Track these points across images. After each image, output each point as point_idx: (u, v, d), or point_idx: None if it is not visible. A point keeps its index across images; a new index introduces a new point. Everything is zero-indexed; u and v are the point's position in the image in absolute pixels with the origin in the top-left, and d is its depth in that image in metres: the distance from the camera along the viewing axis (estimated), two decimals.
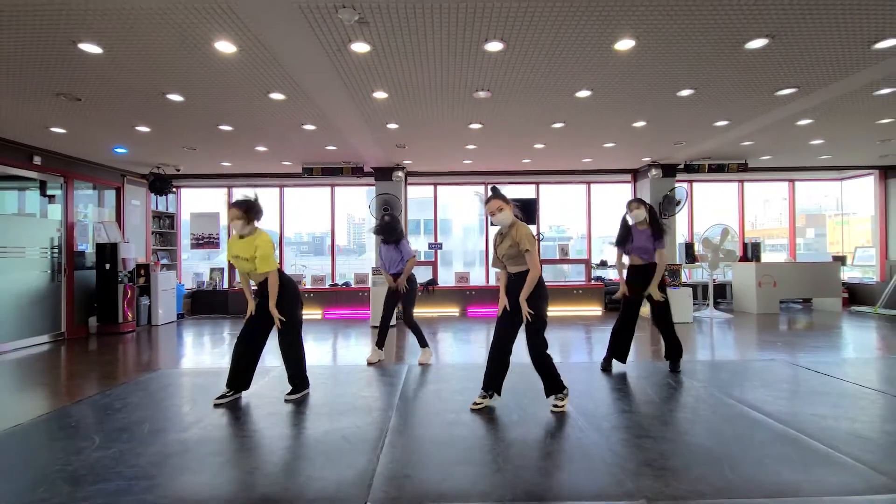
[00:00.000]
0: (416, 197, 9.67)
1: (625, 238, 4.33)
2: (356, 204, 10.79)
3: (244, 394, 3.72)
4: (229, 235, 3.61)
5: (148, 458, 2.65)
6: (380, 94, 4.44)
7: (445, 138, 6.14)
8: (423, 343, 4.84)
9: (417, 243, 9.66)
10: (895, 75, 4.14)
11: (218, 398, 3.58)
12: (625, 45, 3.46)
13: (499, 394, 3.44)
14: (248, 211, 3.52)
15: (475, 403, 3.38)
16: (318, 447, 2.79)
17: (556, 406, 3.26)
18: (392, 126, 5.52)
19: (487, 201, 3.31)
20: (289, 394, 3.65)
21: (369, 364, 4.82)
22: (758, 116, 5.27)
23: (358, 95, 4.46)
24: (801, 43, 3.49)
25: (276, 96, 4.42)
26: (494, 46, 3.45)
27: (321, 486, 2.32)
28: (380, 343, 4.89)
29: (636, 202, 4.33)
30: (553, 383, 3.29)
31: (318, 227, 9.95)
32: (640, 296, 4.35)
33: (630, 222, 4.37)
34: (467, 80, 4.12)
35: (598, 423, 3.12)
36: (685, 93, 4.48)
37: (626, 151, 7.11)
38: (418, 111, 4.98)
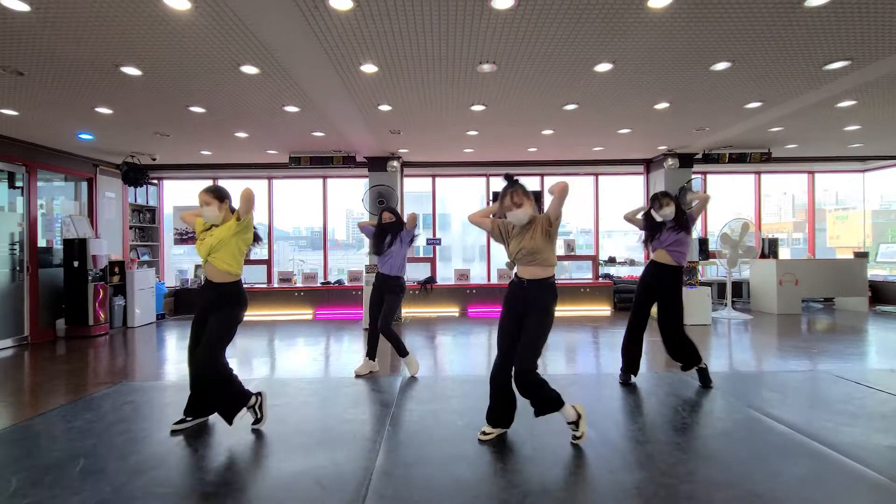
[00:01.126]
0: (413, 191, 9.07)
1: (654, 235, 3.78)
2: (355, 198, 10.22)
3: (211, 417, 3.16)
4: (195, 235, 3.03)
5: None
6: (368, 68, 3.84)
7: (444, 123, 5.54)
8: (402, 352, 4.28)
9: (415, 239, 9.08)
10: None
11: (175, 424, 3.02)
12: (660, 1, 2.87)
13: (508, 426, 2.87)
14: (219, 192, 3.04)
15: (483, 433, 2.81)
16: (285, 495, 2.23)
17: (575, 437, 2.70)
18: (384, 108, 4.92)
19: (508, 194, 2.69)
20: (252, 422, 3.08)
21: (357, 376, 4.26)
22: (796, 97, 4.69)
23: (343, 68, 3.86)
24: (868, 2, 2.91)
25: (249, 69, 3.82)
26: (503, 3, 2.86)
27: None
28: (370, 353, 4.34)
29: (666, 197, 3.79)
30: (552, 401, 2.64)
31: (317, 222, 9.39)
32: (651, 301, 3.85)
33: (657, 219, 3.81)
34: (470, 48, 3.52)
35: (625, 458, 2.56)
36: (720, 66, 3.88)
37: (641, 139, 6.52)
38: (413, 89, 4.38)
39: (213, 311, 2.93)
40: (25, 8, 2.83)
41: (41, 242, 6.45)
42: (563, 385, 3.11)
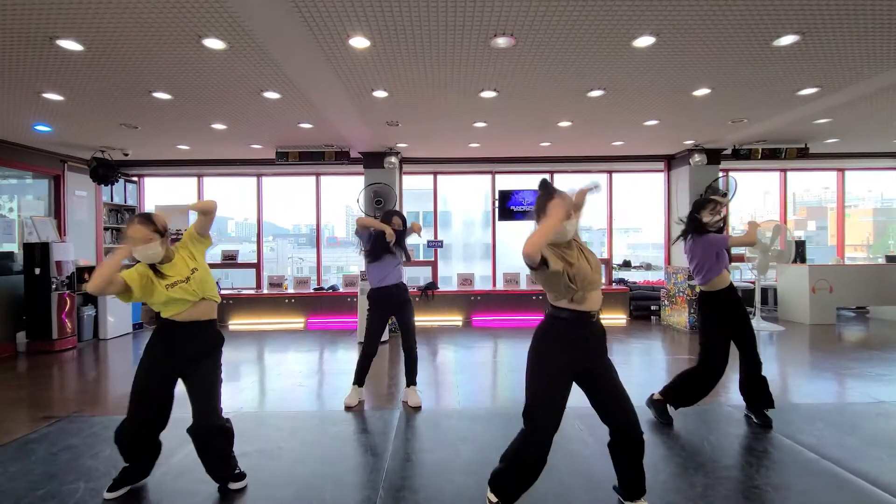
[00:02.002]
0: (412, 188, 8.41)
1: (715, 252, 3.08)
2: (353, 194, 9.57)
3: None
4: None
5: None
6: (359, 41, 3.17)
7: (449, 112, 4.86)
8: (412, 380, 3.72)
9: (414, 240, 8.42)
10: None
11: (109, 491, 2.35)
12: None
13: None
14: (154, 221, 2.27)
15: None
16: None
17: None
18: (380, 94, 4.24)
19: (562, 199, 1.94)
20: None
21: (348, 409, 3.62)
22: (860, 82, 4.01)
23: (328, 43, 3.19)
24: None
25: (214, 44, 3.15)
26: None
27: None
28: (359, 380, 3.69)
29: (713, 202, 3.15)
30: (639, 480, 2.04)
31: (314, 219, 8.76)
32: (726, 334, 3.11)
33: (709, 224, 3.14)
34: (483, 17, 2.85)
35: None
36: (785, 41, 3.21)
37: (668, 132, 5.84)
38: (413, 69, 3.71)
39: (206, 355, 2.37)
40: None
41: (3, 247, 5.79)
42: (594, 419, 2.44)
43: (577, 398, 2.07)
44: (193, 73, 3.66)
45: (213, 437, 2.32)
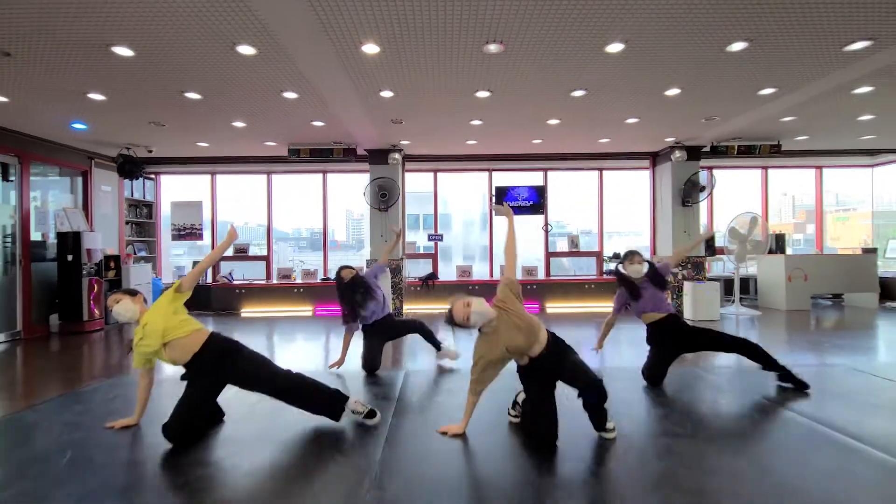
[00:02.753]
0: (415, 191, 8.91)
1: (632, 298, 3.52)
2: (354, 198, 10.08)
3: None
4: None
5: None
6: (370, 48, 3.69)
7: (448, 110, 5.38)
8: (437, 345, 4.32)
9: (416, 238, 8.92)
10: None
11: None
12: None
13: None
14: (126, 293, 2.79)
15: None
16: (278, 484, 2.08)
17: (608, 431, 2.56)
18: (386, 94, 4.77)
19: (449, 313, 2.60)
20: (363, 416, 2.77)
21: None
22: (812, 81, 4.53)
23: (344, 49, 3.71)
24: None
25: (246, 50, 3.67)
26: None
27: None
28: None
29: (638, 255, 3.56)
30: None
31: (317, 223, 9.25)
32: (673, 353, 3.57)
33: (630, 276, 3.57)
34: (476, 26, 3.37)
35: (645, 452, 2.41)
36: (737, 47, 3.73)
37: (649, 130, 6.36)
38: (416, 72, 4.23)
39: (229, 365, 2.69)
40: None
41: (35, 236, 6.29)
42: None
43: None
44: (224, 75, 4.18)
45: (287, 395, 2.69)
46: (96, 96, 4.65)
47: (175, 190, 9.17)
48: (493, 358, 2.52)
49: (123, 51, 3.63)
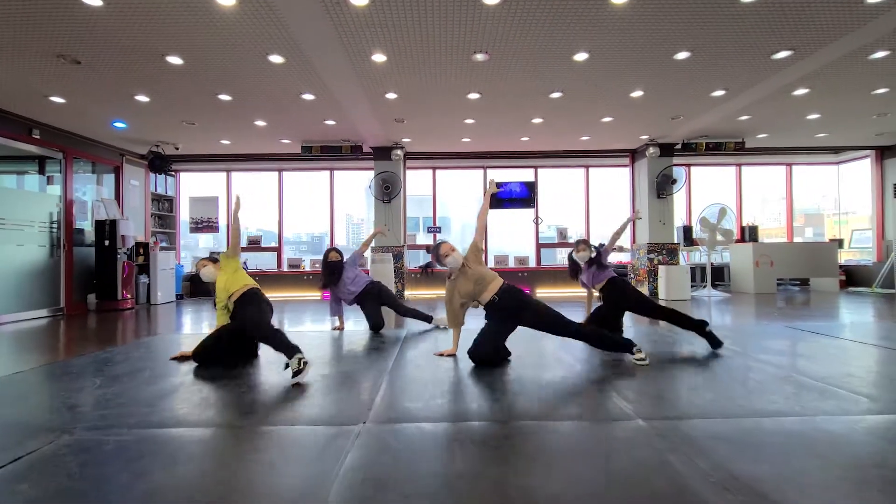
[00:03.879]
0: (414, 194, 9.66)
1: (573, 276, 4.46)
2: (355, 201, 10.79)
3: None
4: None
5: (149, 392, 2.67)
6: (378, 57, 4.46)
7: (444, 111, 6.16)
8: (427, 319, 4.94)
9: (417, 236, 9.65)
10: (888, 37, 4.17)
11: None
12: None
13: None
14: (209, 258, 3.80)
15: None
16: (324, 382, 2.82)
17: (640, 359, 3.17)
18: (391, 96, 5.54)
19: (438, 246, 3.46)
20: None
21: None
22: (755, 85, 5.30)
23: (356, 57, 4.48)
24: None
25: (276, 59, 4.44)
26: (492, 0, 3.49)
27: (318, 412, 2.34)
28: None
29: (582, 243, 4.34)
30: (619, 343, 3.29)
31: (317, 228, 9.96)
32: (619, 314, 4.29)
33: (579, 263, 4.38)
34: (466, 39, 4.14)
35: (594, 367, 3.15)
36: (681, 55, 4.51)
37: (624, 128, 7.14)
38: (416, 77, 5.00)
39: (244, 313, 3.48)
40: (100, 3, 3.45)
41: (82, 224, 7.05)
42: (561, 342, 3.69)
43: (575, 351, 3.30)
44: (256, 80, 4.95)
45: (266, 340, 3.29)
46: (142, 98, 5.42)
47: (193, 186, 9.93)
48: (452, 298, 3.43)
49: (175, 59, 4.40)
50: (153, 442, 1.97)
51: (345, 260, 4.86)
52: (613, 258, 9.81)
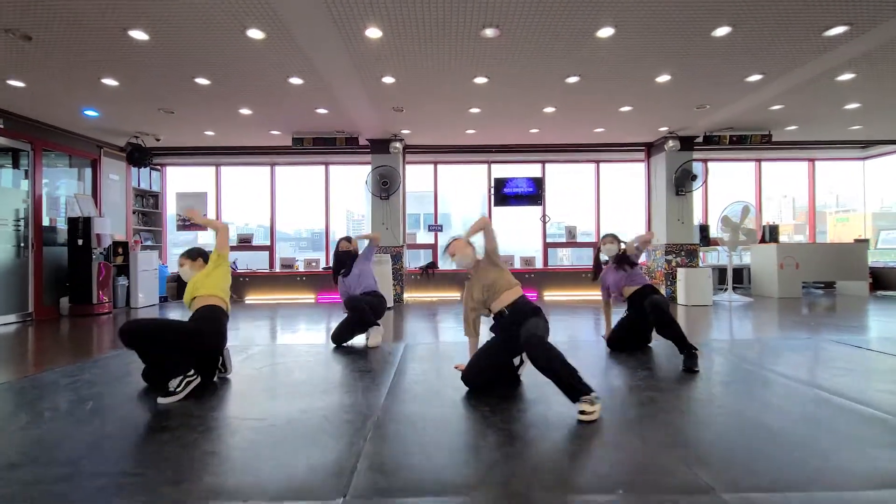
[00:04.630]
0: (414, 191, 9.07)
1: (597, 275, 4.08)
2: (354, 198, 10.27)
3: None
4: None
5: (79, 439, 2.12)
6: (373, 32, 3.88)
7: (447, 97, 5.58)
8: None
9: (417, 234, 9.07)
10: None
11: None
12: None
13: None
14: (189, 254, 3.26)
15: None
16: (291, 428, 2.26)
17: (583, 413, 2.27)
18: (388, 80, 4.96)
19: (448, 244, 3.08)
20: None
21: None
22: (797, 68, 4.72)
23: (348, 33, 3.90)
24: None
25: (255, 34, 3.86)
26: None
27: (291, 473, 1.78)
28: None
29: (609, 237, 4.01)
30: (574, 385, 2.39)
31: (318, 224, 9.42)
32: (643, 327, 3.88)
33: (603, 258, 4.06)
34: (474, 10, 3.56)
35: (630, 405, 2.59)
36: (721, 32, 3.92)
37: (642, 119, 6.55)
38: (417, 58, 4.42)
39: None
40: None
41: (45, 221, 6.48)
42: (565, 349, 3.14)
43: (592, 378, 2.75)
44: (234, 60, 4.38)
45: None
46: (110, 82, 4.84)
47: (180, 181, 9.36)
48: (466, 303, 2.97)
49: (139, 34, 3.82)
50: None
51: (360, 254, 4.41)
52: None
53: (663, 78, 4.96)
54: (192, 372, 2.80)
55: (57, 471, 1.80)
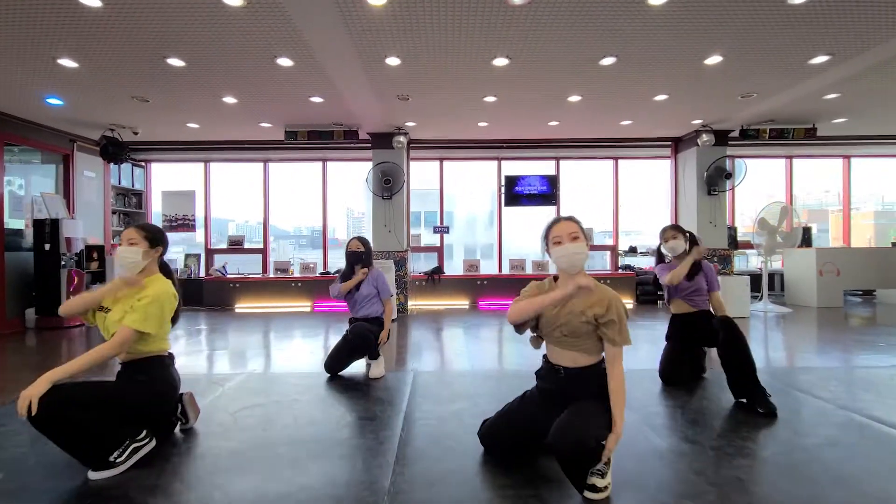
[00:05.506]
0: (417, 188, 8.39)
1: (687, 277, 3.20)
2: (354, 194, 9.64)
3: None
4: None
5: None
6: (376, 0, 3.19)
7: (460, 84, 4.88)
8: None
9: (420, 234, 8.39)
10: None
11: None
12: None
13: None
14: (146, 229, 2.30)
15: None
16: None
17: (593, 489, 1.74)
18: (392, 61, 4.26)
19: (556, 223, 1.99)
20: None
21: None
22: (870, 49, 4.02)
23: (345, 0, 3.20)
24: None
25: (232, 1, 3.16)
26: None
27: None
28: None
29: (672, 229, 3.23)
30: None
31: (317, 221, 8.77)
32: (687, 350, 3.27)
33: (667, 257, 3.32)
34: None
35: (691, 464, 1.90)
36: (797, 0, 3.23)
37: (676, 109, 5.85)
38: (428, 31, 3.73)
39: None
40: None
41: (8, 223, 5.80)
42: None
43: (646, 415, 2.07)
44: (209, 35, 3.68)
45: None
46: (68, 63, 4.14)
47: (166, 179, 8.68)
48: (532, 301, 1.94)
49: (92, 1, 3.13)
50: None
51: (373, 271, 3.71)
52: (647, 263, 8.56)
53: (713, 59, 4.25)
54: (142, 434, 2.12)
55: None
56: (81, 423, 1.89)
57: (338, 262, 9.29)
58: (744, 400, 2.79)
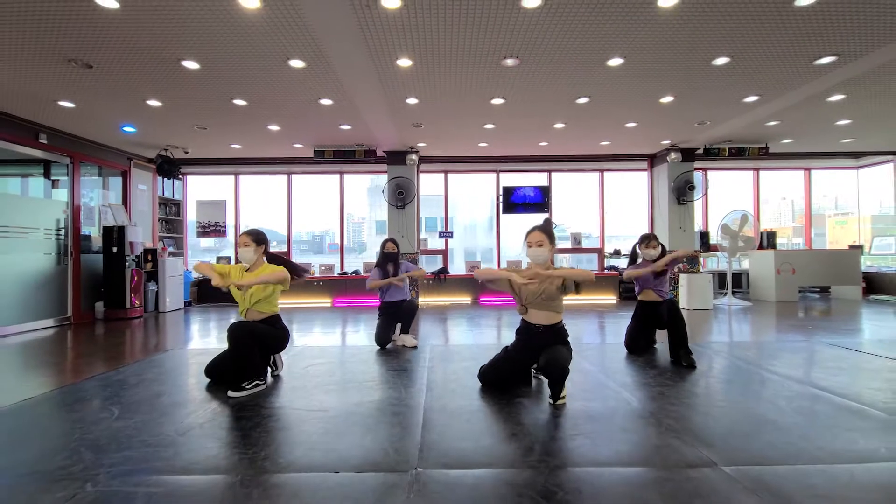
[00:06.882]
0: (425, 195, 9.46)
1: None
2: (356, 204, 10.64)
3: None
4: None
5: (172, 426, 2.48)
6: (404, 62, 4.26)
7: (465, 115, 5.96)
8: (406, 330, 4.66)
9: (425, 237, 9.44)
10: None
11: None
12: (667, 0, 3.29)
13: None
14: (252, 234, 3.33)
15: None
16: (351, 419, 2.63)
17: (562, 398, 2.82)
18: (411, 101, 5.34)
19: (531, 231, 3.06)
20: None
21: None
22: (790, 91, 5.11)
23: (381, 62, 4.28)
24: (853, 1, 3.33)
25: (296, 63, 4.24)
26: (532, 2, 3.28)
27: (364, 452, 2.15)
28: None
29: (654, 239, 4.19)
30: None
31: (317, 226, 9.77)
32: (650, 332, 4.28)
33: (639, 258, 4.27)
34: (497, 43, 3.94)
35: (643, 398, 2.95)
36: (721, 61, 4.31)
37: (646, 132, 6.94)
38: (441, 82, 4.80)
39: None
40: (115, 5, 3.25)
41: (85, 231, 6.86)
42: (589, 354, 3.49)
43: (615, 374, 3.12)
44: (273, 85, 4.76)
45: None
46: (154, 103, 5.22)
47: (200, 189, 9.74)
48: (510, 276, 2.96)
49: (191, 64, 4.20)
50: (184, 494, 1.78)
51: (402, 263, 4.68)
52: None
53: (667, 99, 5.34)
54: (263, 378, 3.19)
55: (164, 451, 2.16)
56: (252, 351, 3.04)
57: (345, 265, 10.37)
58: (675, 359, 3.83)
